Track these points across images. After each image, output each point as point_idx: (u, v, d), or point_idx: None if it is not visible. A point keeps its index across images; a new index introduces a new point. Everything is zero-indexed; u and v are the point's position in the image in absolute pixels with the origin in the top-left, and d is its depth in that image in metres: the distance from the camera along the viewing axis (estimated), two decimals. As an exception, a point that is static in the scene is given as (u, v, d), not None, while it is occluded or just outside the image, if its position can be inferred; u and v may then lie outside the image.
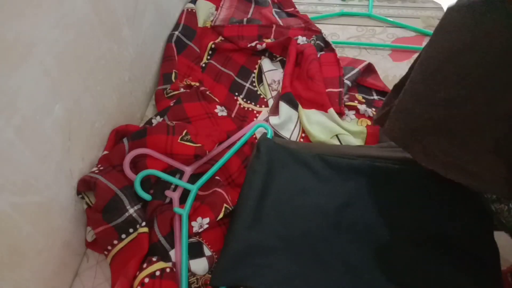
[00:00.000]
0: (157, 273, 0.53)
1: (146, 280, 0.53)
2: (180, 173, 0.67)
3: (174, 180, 0.64)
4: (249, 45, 0.90)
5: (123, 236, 0.57)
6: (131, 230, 0.58)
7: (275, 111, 0.78)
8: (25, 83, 0.46)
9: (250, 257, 0.54)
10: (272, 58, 0.91)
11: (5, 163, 0.43)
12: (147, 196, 0.62)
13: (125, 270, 0.54)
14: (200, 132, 0.70)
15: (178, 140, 0.66)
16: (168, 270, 0.54)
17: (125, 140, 0.66)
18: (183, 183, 0.64)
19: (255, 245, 0.55)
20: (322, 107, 0.77)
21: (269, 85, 0.85)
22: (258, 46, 0.89)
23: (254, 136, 0.75)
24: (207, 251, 0.58)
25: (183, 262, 0.56)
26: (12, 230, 0.45)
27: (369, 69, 0.86)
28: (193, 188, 0.63)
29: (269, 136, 0.72)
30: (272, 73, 0.87)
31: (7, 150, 0.44)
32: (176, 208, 0.60)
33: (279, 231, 0.57)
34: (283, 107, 0.76)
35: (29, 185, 0.48)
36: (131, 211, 0.58)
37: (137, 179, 0.62)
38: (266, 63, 0.89)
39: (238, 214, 0.59)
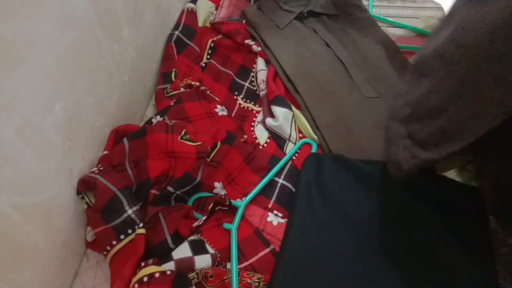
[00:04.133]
0: (145, 279, 0.52)
1: (136, 286, 0.52)
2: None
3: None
4: (246, 41, 0.90)
5: (122, 237, 0.57)
6: (129, 231, 0.58)
7: (269, 114, 0.79)
8: (25, 83, 0.45)
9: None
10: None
11: (5, 163, 0.43)
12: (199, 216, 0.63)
13: (122, 273, 0.54)
14: (199, 130, 0.70)
15: (178, 139, 0.66)
16: (157, 275, 0.53)
17: (125, 140, 0.66)
18: (233, 202, 0.65)
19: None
20: None
21: (258, 84, 0.86)
22: (254, 47, 0.89)
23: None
24: (210, 249, 0.58)
25: (233, 275, 0.55)
26: (12, 230, 0.45)
27: None
28: (241, 205, 0.64)
29: (313, 150, 0.73)
30: (263, 72, 0.87)
31: (7, 150, 0.43)
32: (226, 224, 0.62)
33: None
34: (277, 109, 0.77)
35: (29, 185, 0.48)
36: (130, 212, 0.58)
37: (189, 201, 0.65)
38: (260, 62, 0.89)
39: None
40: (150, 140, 0.66)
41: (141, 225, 0.58)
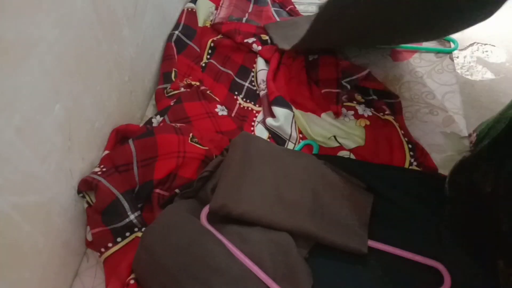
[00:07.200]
0: None
1: (132, 282, 0.53)
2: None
3: None
4: (245, 41, 0.90)
5: (119, 239, 0.57)
6: (127, 234, 0.58)
7: (270, 114, 0.79)
8: (25, 83, 0.46)
9: None
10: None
11: (5, 163, 0.43)
12: None
13: (117, 272, 0.55)
14: (204, 136, 0.70)
15: (189, 141, 0.66)
16: None
17: (130, 142, 0.65)
18: None
19: None
20: (315, 112, 0.77)
21: (258, 84, 0.85)
22: (254, 46, 0.89)
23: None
24: None
25: None
26: (12, 230, 0.45)
27: (368, 78, 0.84)
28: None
29: (315, 152, 0.73)
30: (263, 72, 0.87)
31: (7, 150, 0.43)
32: None
33: None
34: (278, 110, 0.77)
35: (29, 185, 0.48)
36: (132, 217, 0.58)
37: None
38: (260, 62, 0.89)
39: None
40: (160, 139, 0.65)
41: (143, 229, 0.58)
